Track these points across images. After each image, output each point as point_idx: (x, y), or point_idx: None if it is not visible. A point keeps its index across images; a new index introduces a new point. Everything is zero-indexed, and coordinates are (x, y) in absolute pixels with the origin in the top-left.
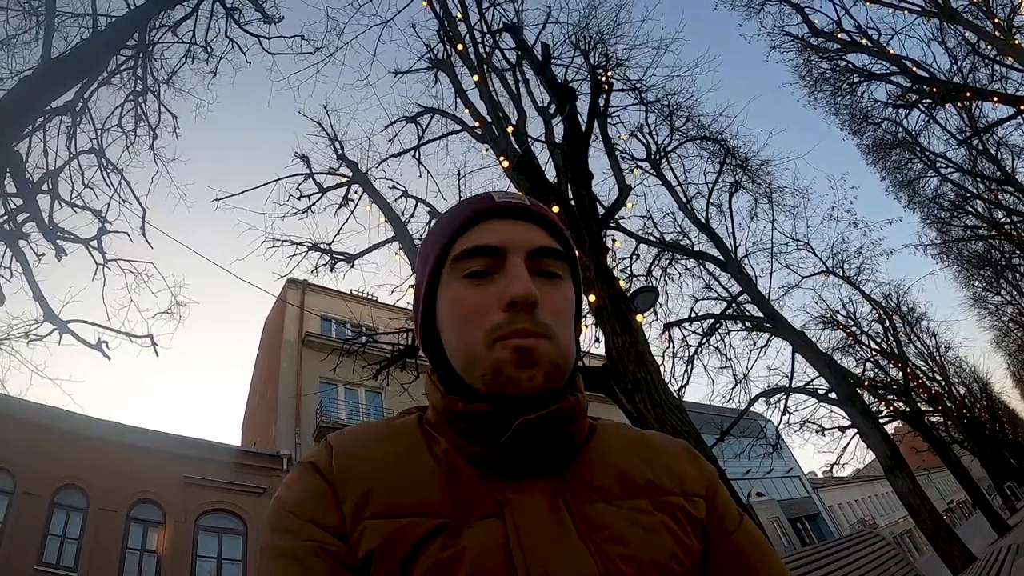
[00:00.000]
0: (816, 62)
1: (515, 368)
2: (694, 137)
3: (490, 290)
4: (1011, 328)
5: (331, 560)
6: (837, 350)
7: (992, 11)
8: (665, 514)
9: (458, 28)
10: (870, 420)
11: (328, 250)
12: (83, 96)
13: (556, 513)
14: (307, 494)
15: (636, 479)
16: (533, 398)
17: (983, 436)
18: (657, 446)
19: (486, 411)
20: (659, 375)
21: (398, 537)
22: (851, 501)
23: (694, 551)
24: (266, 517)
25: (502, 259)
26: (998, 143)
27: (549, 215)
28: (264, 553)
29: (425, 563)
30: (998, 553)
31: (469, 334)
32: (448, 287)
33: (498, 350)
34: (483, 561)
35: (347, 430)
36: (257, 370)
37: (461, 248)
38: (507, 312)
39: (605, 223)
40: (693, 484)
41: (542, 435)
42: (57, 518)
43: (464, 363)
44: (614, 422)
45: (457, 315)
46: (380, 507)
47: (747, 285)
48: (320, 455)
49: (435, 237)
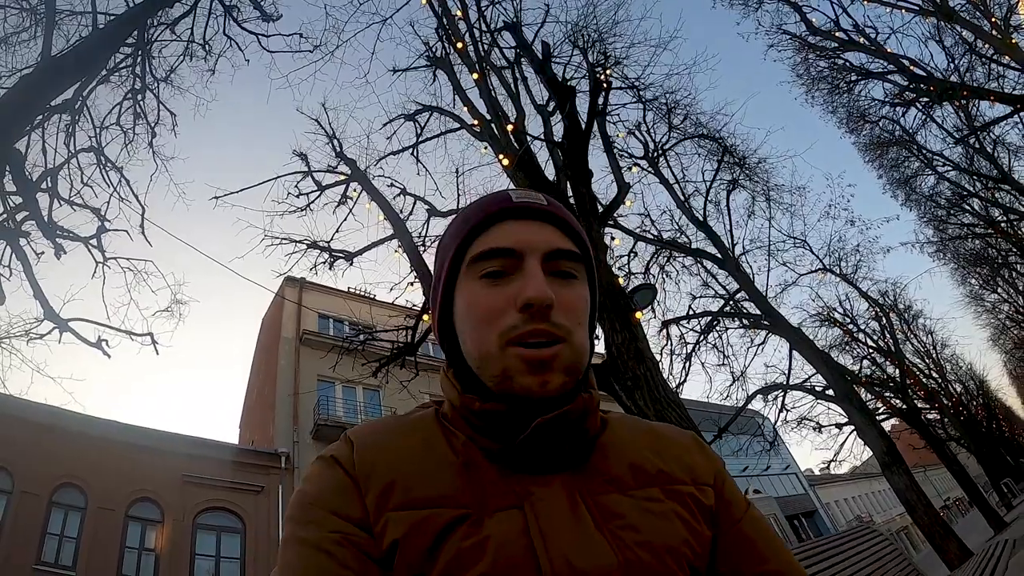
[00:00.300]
0: (814, 60)
1: (527, 374)
2: (692, 135)
3: (506, 291)
4: (1007, 326)
5: (356, 550)
6: (834, 347)
7: (989, 10)
8: (676, 502)
9: (457, 26)
10: (867, 417)
11: (327, 248)
12: (82, 94)
13: (573, 504)
14: (329, 487)
15: (648, 469)
16: (547, 400)
17: (979, 433)
18: (666, 437)
19: (500, 410)
20: (658, 372)
21: (421, 527)
22: (848, 498)
23: (705, 537)
24: (288, 509)
25: (519, 260)
26: (995, 141)
27: (566, 216)
28: (288, 545)
29: (449, 551)
30: (994, 549)
31: (484, 334)
32: (465, 286)
33: (510, 354)
34: (506, 549)
35: (365, 424)
36: (255, 368)
37: (479, 249)
38: (522, 314)
39: (604, 221)
40: (702, 473)
41: (558, 432)
42: (55, 517)
43: (478, 362)
44: (624, 415)
45: (473, 315)
46: (402, 499)
47: (744, 283)
48: (341, 449)
49: (453, 235)
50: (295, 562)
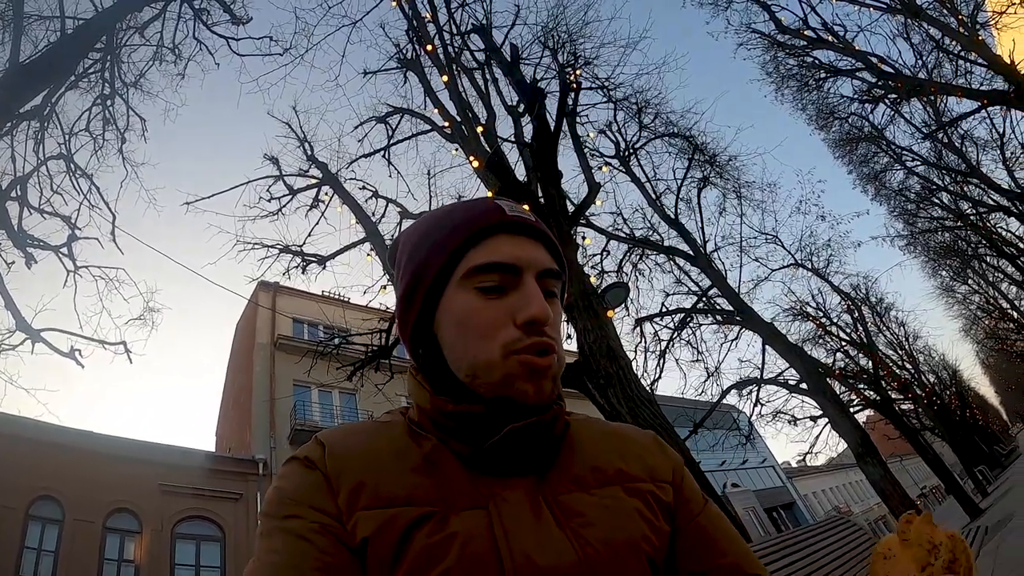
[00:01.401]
0: (783, 59)
1: (526, 381)
2: (663, 134)
3: (503, 305)
4: (979, 316)
5: (334, 538)
6: (807, 341)
7: (956, 8)
8: (636, 499)
9: (427, 28)
10: (841, 409)
11: (299, 252)
12: (51, 100)
13: (536, 504)
14: (304, 484)
15: (608, 469)
16: (537, 405)
17: (953, 422)
18: (627, 437)
19: (477, 412)
20: (631, 370)
21: (390, 524)
22: (825, 489)
23: (663, 532)
24: (264, 507)
25: (516, 276)
26: (963, 136)
27: (551, 235)
28: (266, 536)
29: (416, 547)
30: (969, 534)
31: (482, 346)
32: (458, 296)
33: (512, 363)
34: (471, 546)
35: (336, 428)
36: (230, 374)
37: (478, 261)
38: (522, 329)
39: (575, 220)
40: (661, 471)
41: (528, 438)
42: (33, 530)
43: (473, 369)
44: (585, 416)
45: (469, 326)
46: (371, 499)
47: (717, 279)
48: (313, 450)
49: (441, 243)
50: (275, 548)
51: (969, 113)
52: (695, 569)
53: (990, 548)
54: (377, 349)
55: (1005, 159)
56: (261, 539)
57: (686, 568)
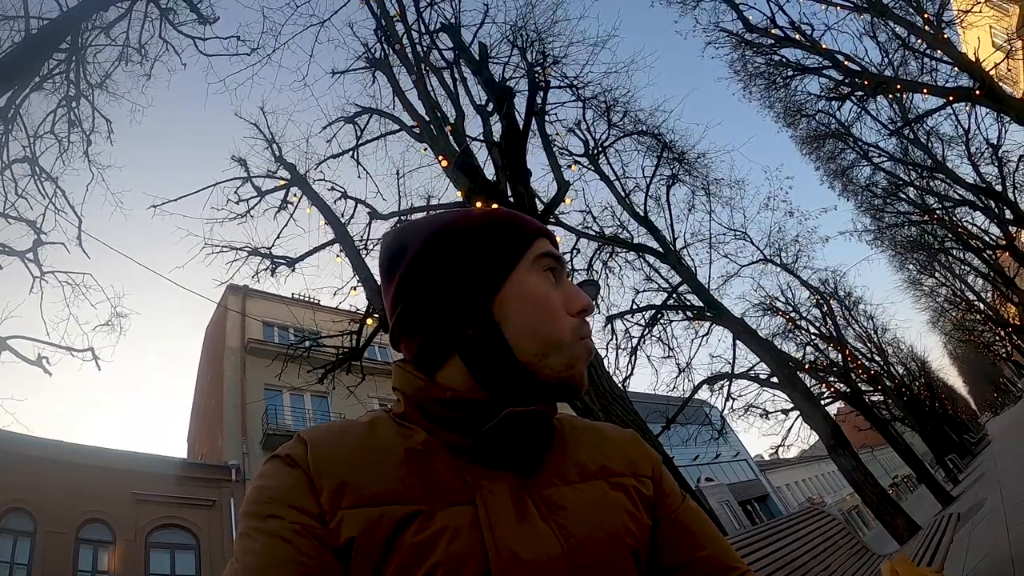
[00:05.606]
0: (751, 57)
1: (583, 364)
2: (631, 132)
3: (560, 293)
4: (946, 308)
5: (315, 540)
6: (777, 335)
7: (922, 6)
8: (620, 493)
9: (395, 27)
10: (811, 402)
11: (268, 254)
12: (15, 102)
13: (520, 498)
14: (285, 483)
15: (591, 464)
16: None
17: (923, 412)
18: (608, 434)
19: (479, 399)
20: (603, 367)
21: (375, 525)
22: (799, 481)
23: (645, 525)
24: (244, 506)
25: (561, 271)
26: (928, 132)
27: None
28: (247, 536)
29: (403, 547)
30: (941, 522)
31: (558, 325)
32: (531, 277)
33: (580, 346)
34: (457, 542)
35: (319, 426)
36: (200, 380)
37: (545, 249)
38: (577, 317)
39: (545, 219)
40: (642, 466)
41: (524, 427)
42: (4, 544)
43: (541, 348)
44: (570, 415)
45: (544, 306)
46: (355, 497)
47: (687, 276)
48: (295, 448)
49: (514, 227)
50: (254, 549)
51: (935, 109)
52: (675, 562)
53: (963, 534)
54: (348, 351)
55: (970, 154)
56: (240, 539)
57: (667, 561)
